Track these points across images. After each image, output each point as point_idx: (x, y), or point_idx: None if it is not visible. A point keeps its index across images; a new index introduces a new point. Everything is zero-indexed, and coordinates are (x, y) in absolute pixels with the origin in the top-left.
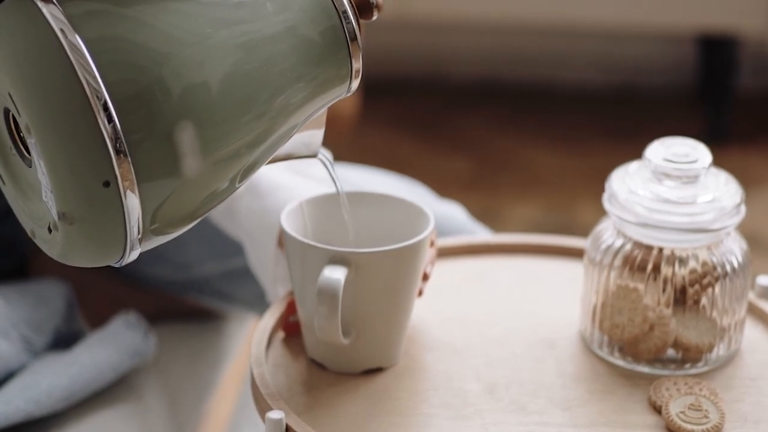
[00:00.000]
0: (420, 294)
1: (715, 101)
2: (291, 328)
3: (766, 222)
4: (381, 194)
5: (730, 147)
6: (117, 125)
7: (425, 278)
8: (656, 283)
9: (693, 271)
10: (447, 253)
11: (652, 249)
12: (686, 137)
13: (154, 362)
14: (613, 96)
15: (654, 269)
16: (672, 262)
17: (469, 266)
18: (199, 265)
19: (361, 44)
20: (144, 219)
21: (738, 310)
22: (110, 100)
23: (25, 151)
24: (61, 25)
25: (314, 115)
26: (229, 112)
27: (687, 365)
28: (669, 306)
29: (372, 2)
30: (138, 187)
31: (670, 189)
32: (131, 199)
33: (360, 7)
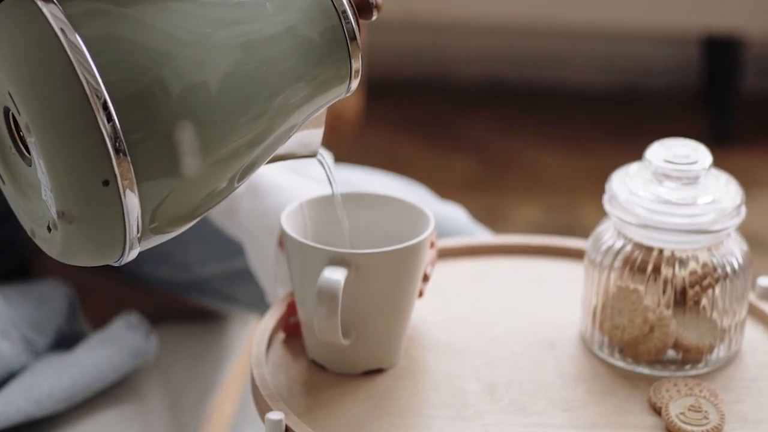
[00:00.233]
0: (420, 295)
1: (719, 102)
2: (291, 329)
3: None
4: (381, 195)
5: (734, 148)
6: (116, 124)
7: (425, 279)
8: (656, 285)
9: (693, 272)
10: (447, 254)
11: (652, 250)
12: (690, 138)
13: (156, 363)
14: (617, 97)
15: (654, 270)
16: (672, 263)
17: (470, 267)
18: (200, 265)
19: (360, 44)
20: (143, 218)
21: (738, 311)
22: (110, 99)
23: (25, 151)
24: (61, 24)
25: (314, 115)
26: (229, 112)
27: (687, 366)
28: (669, 307)
29: (371, 2)
30: (137, 186)
31: (670, 190)
32: (130, 198)
33: (359, 8)
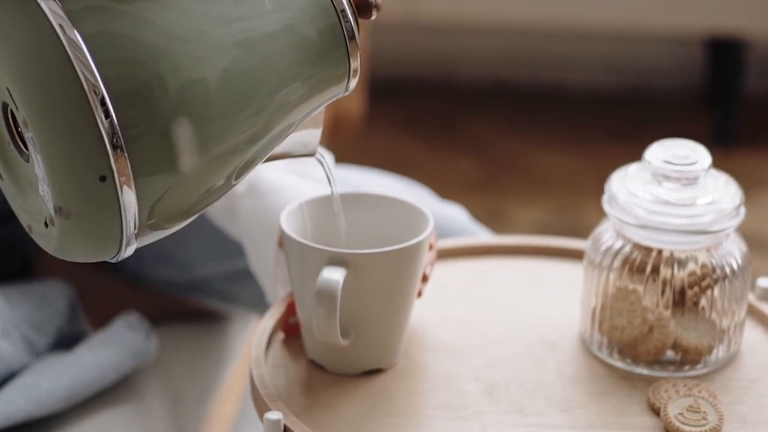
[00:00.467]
0: (419, 295)
1: (723, 104)
2: (291, 329)
3: None
4: (380, 195)
5: (738, 149)
6: (114, 120)
7: (424, 279)
8: (655, 285)
9: (692, 273)
10: (447, 254)
11: (651, 251)
12: (693, 139)
13: (156, 363)
14: (620, 98)
15: (653, 271)
16: (671, 263)
17: (470, 267)
18: (201, 265)
19: (359, 43)
20: (140, 214)
21: (737, 311)
22: (107, 95)
23: (23, 146)
24: (60, 20)
25: (312, 114)
26: (227, 109)
27: (686, 367)
28: (668, 308)
29: (371, 2)
30: (134, 182)
31: (669, 191)
32: (127, 194)
33: (359, 7)
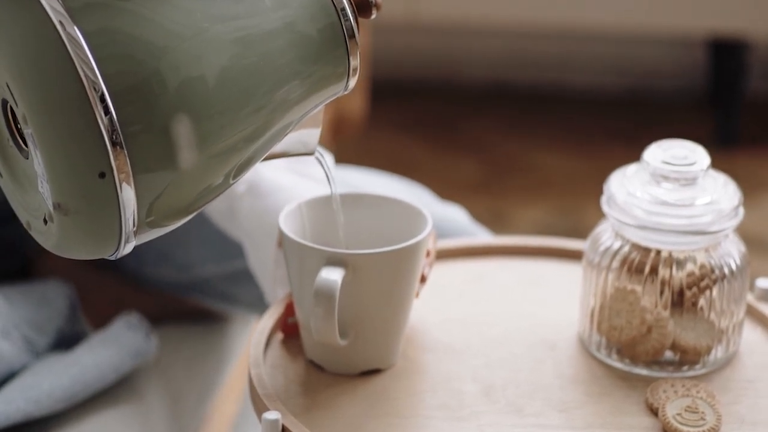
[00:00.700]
0: (416, 296)
1: (725, 105)
2: (289, 330)
3: None
4: (379, 196)
5: (740, 150)
6: (113, 117)
7: (423, 280)
8: (654, 286)
9: (691, 273)
10: (447, 254)
11: (649, 251)
12: (695, 141)
13: (156, 363)
14: (622, 99)
15: (651, 271)
16: (669, 264)
17: (469, 268)
18: (201, 266)
19: (359, 42)
20: (139, 211)
21: (736, 312)
22: (107, 92)
23: (23, 143)
24: (60, 17)
25: (311, 113)
26: (226, 106)
27: (685, 367)
28: (667, 308)
29: (371, 1)
30: (134, 179)
31: (668, 191)
32: (127, 191)
33: (359, 6)
